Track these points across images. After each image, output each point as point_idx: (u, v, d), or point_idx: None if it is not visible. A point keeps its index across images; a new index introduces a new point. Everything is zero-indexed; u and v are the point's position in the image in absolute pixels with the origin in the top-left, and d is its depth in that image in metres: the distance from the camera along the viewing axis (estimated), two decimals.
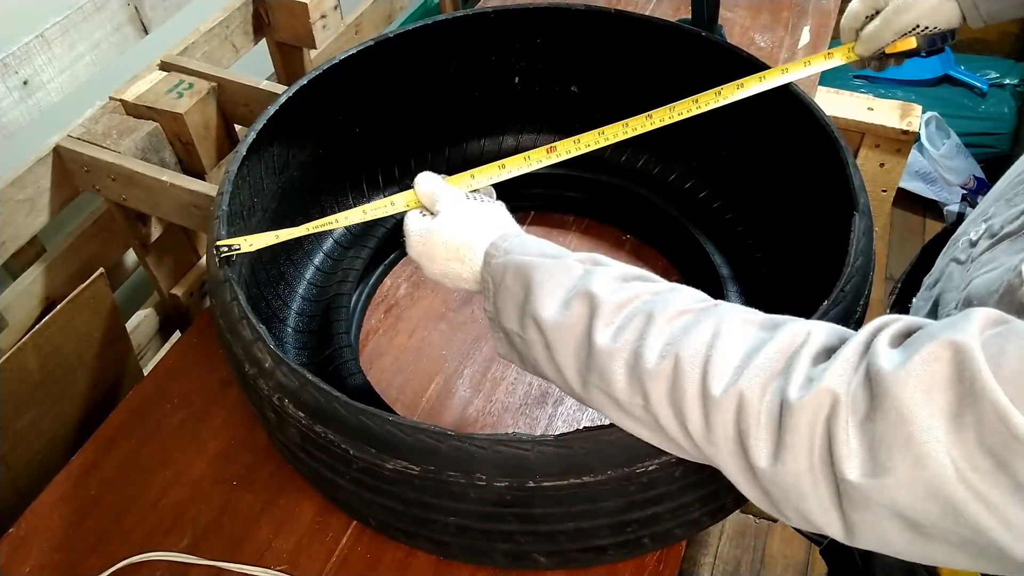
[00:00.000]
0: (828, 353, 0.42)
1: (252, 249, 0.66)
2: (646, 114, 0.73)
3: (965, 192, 2.01)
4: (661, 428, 0.47)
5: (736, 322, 0.46)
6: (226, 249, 0.64)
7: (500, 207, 0.64)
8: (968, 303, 0.52)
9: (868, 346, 0.40)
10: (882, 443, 0.38)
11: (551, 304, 0.51)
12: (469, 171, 0.70)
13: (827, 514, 0.42)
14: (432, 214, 0.63)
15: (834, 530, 0.42)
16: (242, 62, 1.22)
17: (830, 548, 0.84)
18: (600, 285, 0.50)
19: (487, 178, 0.70)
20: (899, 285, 0.80)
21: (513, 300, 0.53)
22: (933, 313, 0.60)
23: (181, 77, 1.03)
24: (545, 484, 0.53)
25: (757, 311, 0.47)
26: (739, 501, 0.64)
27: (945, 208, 2.06)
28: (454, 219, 0.61)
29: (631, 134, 0.72)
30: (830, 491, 0.41)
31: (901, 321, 0.41)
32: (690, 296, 0.49)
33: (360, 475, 0.57)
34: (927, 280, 0.67)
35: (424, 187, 0.65)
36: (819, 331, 0.44)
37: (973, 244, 0.58)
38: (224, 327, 0.62)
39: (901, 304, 0.77)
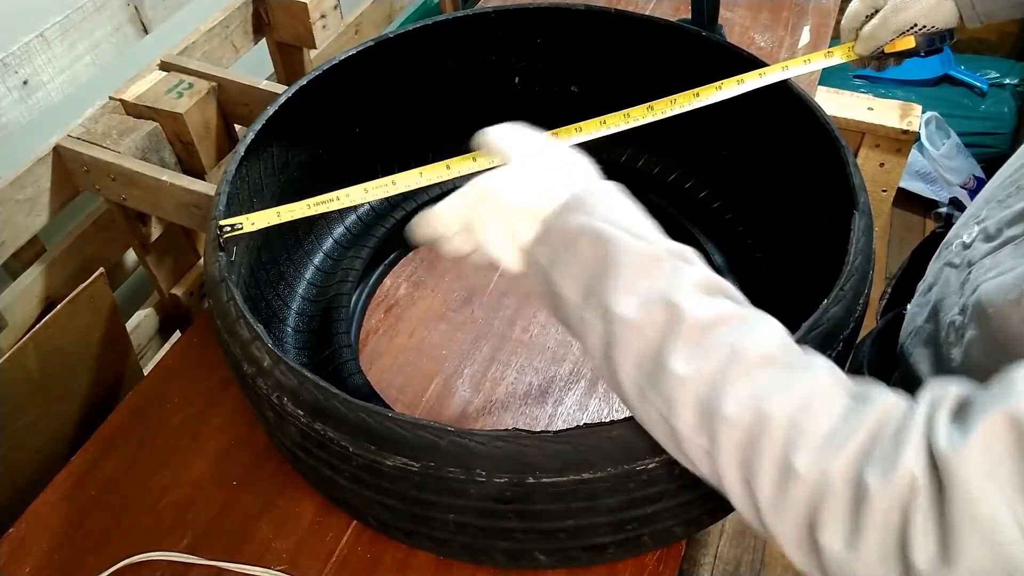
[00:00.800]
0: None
1: (254, 228, 0.65)
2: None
3: (952, 196, 2.01)
4: (718, 475, 0.44)
5: (827, 385, 0.42)
6: (228, 229, 0.64)
7: (589, 161, 0.55)
8: (980, 310, 0.51)
9: (929, 425, 0.39)
10: (951, 527, 0.36)
11: (627, 299, 0.46)
12: (573, 125, 0.68)
13: None
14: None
15: None
16: (242, 62, 1.22)
17: None
18: (686, 295, 0.45)
19: (587, 135, 0.67)
20: (889, 289, 0.80)
21: (582, 269, 0.48)
22: (933, 319, 0.60)
23: (181, 77, 1.03)
24: (545, 480, 0.53)
25: (839, 371, 0.44)
26: None
27: (932, 211, 2.07)
28: (532, 164, 0.54)
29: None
30: None
31: (953, 392, 0.40)
32: (778, 336, 0.45)
33: (360, 473, 0.57)
34: (921, 286, 0.66)
35: (495, 138, 0.58)
36: (900, 407, 0.41)
37: (967, 247, 0.57)
38: (222, 327, 0.62)
39: (892, 308, 0.77)
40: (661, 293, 0.45)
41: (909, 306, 0.67)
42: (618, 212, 0.50)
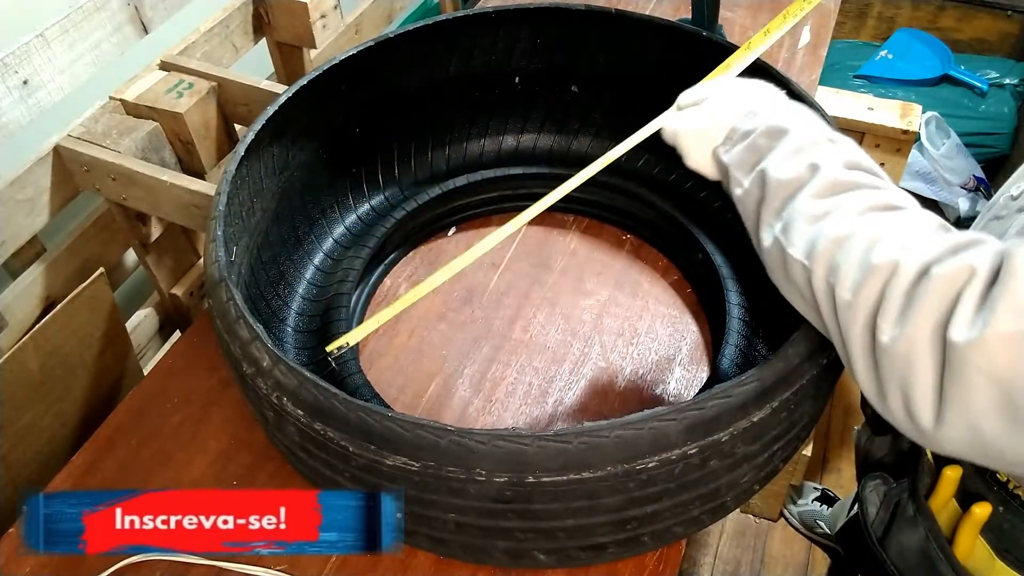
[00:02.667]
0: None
1: (357, 341, 0.66)
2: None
3: (966, 190, 2.01)
4: (811, 287, 0.50)
5: (926, 220, 0.49)
6: (337, 351, 0.65)
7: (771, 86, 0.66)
8: None
9: (1007, 247, 0.42)
10: (992, 301, 0.40)
11: (782, 165, 0.55)
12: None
13: (925, 393, 0.43)
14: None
15: (926, 414, 0.44)
16: (242, 62, 1.22)
17: (845, 529, 0.84)
18: (829, 162, 0.53)
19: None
20: None
21: (753, 154, 0.57)
22: None
23: (181, 77, 1.03)
24: (544, 480, 0.53)
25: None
26: (739, 500, 0.64)
27: (947, 206, 2.06)
28: (717, 101, 0.65)
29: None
30: (936, 363, 0.43)
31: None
32: (900, 197, 0.51)
33: (360, 472, 0.57)
34: None
35: (690, 94, 0.69)
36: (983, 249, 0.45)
37: (1015, 198, 0.60)
38: (221, 327, 0.62)
39: None
40: (810, 159, 0.54)
41: None
42: (782, 112, 0.60)
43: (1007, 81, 2.13)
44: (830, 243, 0.49)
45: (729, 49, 0.87)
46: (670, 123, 0.68)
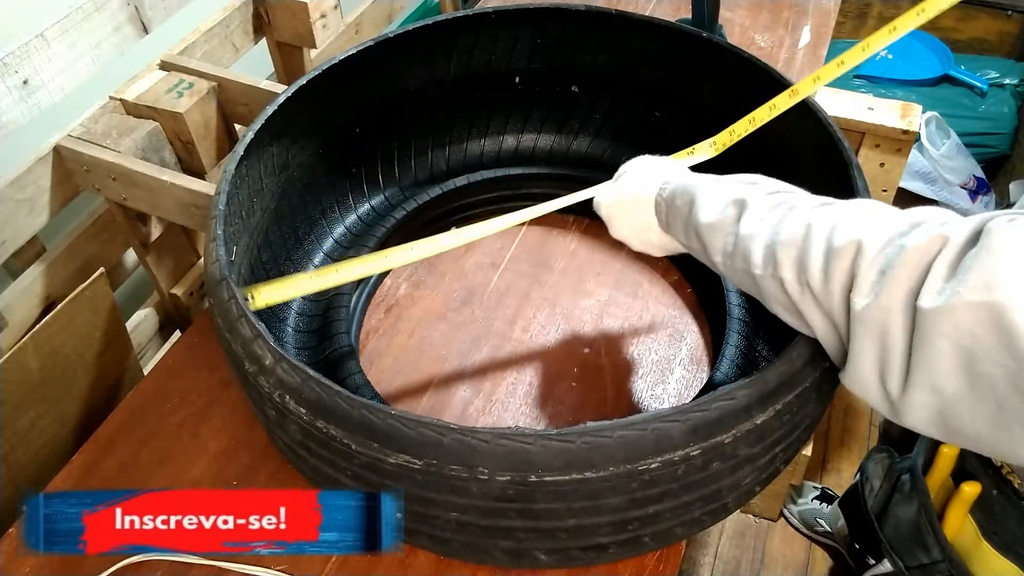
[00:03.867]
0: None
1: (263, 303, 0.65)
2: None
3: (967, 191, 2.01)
4: (786, 293, 0.52)
5: (873, 203, 0.51)
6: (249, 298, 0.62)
7: (668, 160, 0.73)
8: None
9: (987, 221, 0.43)
10: (964, 272, 0.41)
11: (708, 213, 0.58)
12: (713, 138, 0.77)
13: (895, 359, 0.45)
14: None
15: (895, 381, 0.45)
16: (242, 62, 1.22)
17: (847, 498, 0.86)
18: (753, 192, 0.57)
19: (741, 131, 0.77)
20: None
21: (682, 220, 0.62)
22: None
23: (181, 77, 1.03)
24: (547, 479, 0.53)
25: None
26: (740, 501, 0.64)
27: (947, 207, 2.06)
28: (633, 175, 0.70)
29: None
30: (906, 330, 0.44)
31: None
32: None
33: (362, 471, 0.57)
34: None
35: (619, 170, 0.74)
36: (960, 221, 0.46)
37: None
38: (223, 326, 0.62)
39: None
40: (733, 197, 0.57)
41: None
42: (696, 176, 0.65)
43: (1007, 81, 2.13)
44: (790, 246, 0.51)
45: (729, 49, 0.87)
46: (599, 195, 0.74)
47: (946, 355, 0.42)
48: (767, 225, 0.54)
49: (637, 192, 0.68)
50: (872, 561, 0.81)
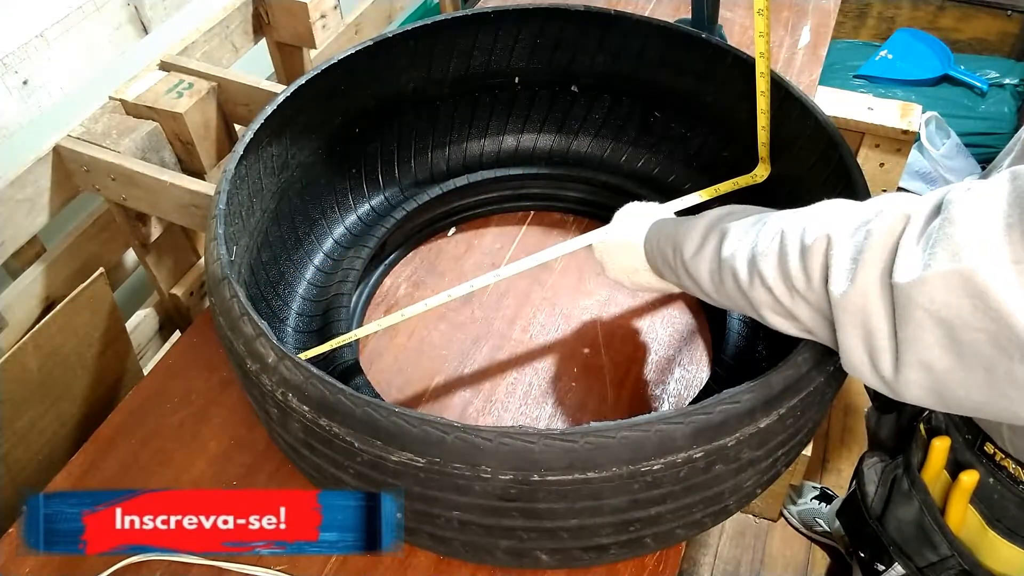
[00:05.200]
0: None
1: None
2: None
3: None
4: (777, 301, 0.53)
5: (839, 201, 0.53)
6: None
7: (658, 206, 0.77)
8: None
9: (946, 194, 0.44)
10: (932, 245, 0.42)
11: (690, 246, 0.62)
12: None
13: (883, 340, 0.46)
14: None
15: (886, 361, 0.46)
16: (242, 62, 1.22)
17: (844, 505, 0.86)
18: (729, 221, 0.60)
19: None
20: None
21: (664, 261, 0.66)
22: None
23: (181, 77, 1.03)
24: (550, 478, 0.53)
25: None
26: (741, 503, 0.64)
27: None
28: (622, 221, 0.75)
29: None
30: (888, 309, 0.45)
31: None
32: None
33: (364, 469, 0.57)
34: None
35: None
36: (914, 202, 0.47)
37: None
38: (224, 324, 0.62)
39: None
40: (716, 233, 0.60)
41: None
42: (667, 220, 0.70)
43: (1007, 81, 2.13)
44: (768, 255, 0.53)
45: (729, 50, 0.87)
46: (594, 241, 0.78)
47: (928, 329, 0.42)
48: (746, 243, 0.56)
49: (625, 238, 0.73)
50: (882, 567, 0.81)
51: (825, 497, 1.52)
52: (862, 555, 0.84)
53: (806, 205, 0.83)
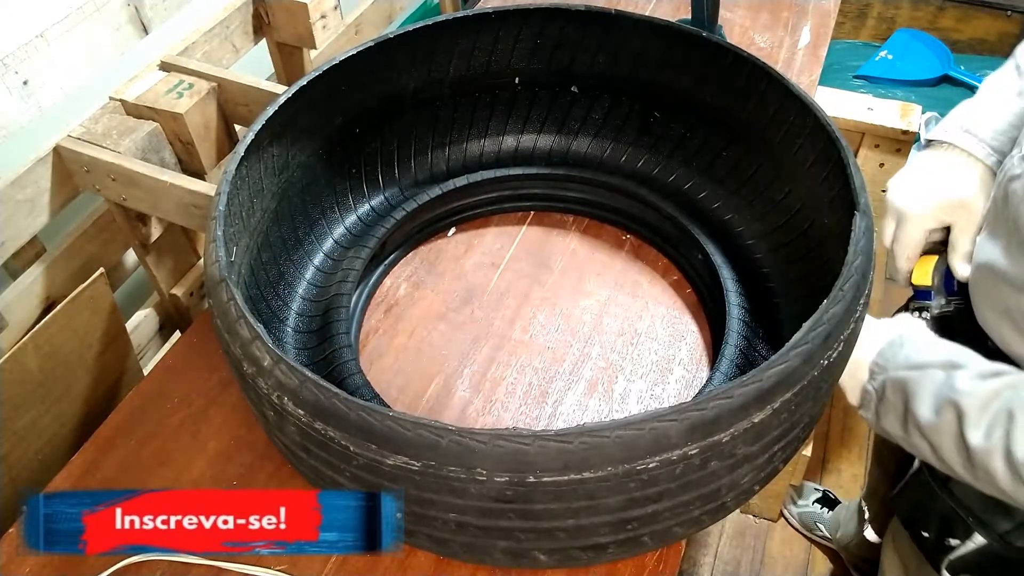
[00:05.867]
0: None
1: None
2: None
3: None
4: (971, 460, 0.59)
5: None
6: None
7: (876, 323, 0.75)
8: None
9: None
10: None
11: (925, 412, 0.63)
12: None
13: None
14: None
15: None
16: (242, 62, 1.22)
17: (905, 488, 0.89)
18: (960, 388, 0.61)
19: None
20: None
21: (896, 415, 0.67)
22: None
23: (181, 77, 1.03)
24: (545, 479, 0.53)
25: None
26: (739, 500, 0.64)
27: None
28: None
29: None
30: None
31: None
32: None
33: (360, 472, 0.57)
34: (987, 215, 0.72)
35: None
36: None
37: None
38: (222, 326, 0.62)
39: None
40: (944, 397, 0.62)
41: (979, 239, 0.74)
42: (900, 356, 0.69)
43: None
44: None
45: (729, 49, 0.87)
46: None
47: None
48: (997, 439, 0.58)
49: (852, 364, 0.71)
50: (955, 542, 0.80)
51: (827, 501, 1.51)
52: (925, 534, 0.83)
53: (805, 205, 0.84)
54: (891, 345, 0.70)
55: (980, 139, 0.75)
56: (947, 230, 0.77)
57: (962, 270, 0.75)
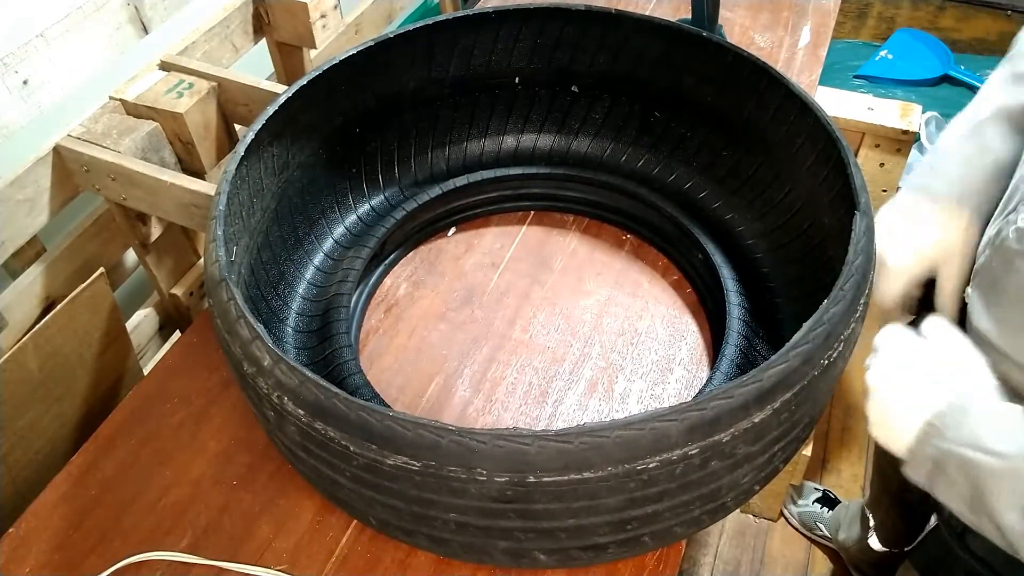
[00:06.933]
0: None
1: None
2: None
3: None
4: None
5: None
6: None
7: (938, 349, 0.64)
8: None
9: None
10: None
11: (1011, 515, 0.54)
12: None
13: None
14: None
15: None
16: (242, 62, 1.22)
17: (920, 547, 0.86)
18: None
19: None
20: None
21: (959, 494, 0.57)
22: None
23: (181, 77, 1.03)
24: (545, 479, 0.53)
25: None
26: (739, 500, 0.64)
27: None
28: (885, 375, 0.63)
29: None
30: None
31: None
32: None
33: (360, 472, 0.57)
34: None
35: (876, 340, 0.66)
36: None
37: None
38: (222, 326, 0.62)
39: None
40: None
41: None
42: (965, 429, 0.57)
43: None
44: None
45: (729, 49, 0.87)
46: (872, 376, 0.64)
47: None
48: None
49: (895, 411, 0.62)
50: None
51: (827, 501, 1.51)
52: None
53: (805, 205, 0.84)
54: (952, 409, 0.59)
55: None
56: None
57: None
